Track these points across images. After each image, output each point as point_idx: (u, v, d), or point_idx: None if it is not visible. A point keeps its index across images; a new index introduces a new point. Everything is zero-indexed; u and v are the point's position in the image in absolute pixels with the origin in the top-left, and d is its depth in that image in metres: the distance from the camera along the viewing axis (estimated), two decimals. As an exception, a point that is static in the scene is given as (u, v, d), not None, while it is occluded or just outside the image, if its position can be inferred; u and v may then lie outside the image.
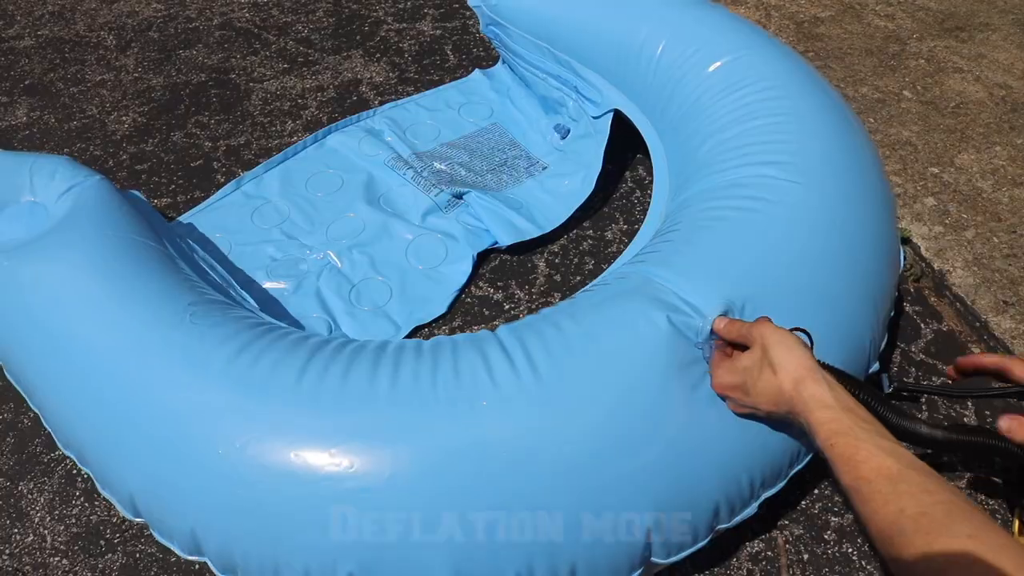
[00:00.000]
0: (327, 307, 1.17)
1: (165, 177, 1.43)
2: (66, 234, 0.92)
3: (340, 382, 0.75)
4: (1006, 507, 0.93)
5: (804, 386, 0.61)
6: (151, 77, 1.70)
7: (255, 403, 0.74)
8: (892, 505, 0.50)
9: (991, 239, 1.24)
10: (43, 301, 0.86)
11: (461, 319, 1.17)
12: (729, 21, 1.19)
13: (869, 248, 0.93)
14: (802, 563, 0.88)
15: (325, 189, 1.38)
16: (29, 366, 0.86)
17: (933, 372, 1.09)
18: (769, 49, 1.13)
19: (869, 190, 1.00)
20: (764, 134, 1.00)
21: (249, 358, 0.77)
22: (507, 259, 1.26)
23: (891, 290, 0.99)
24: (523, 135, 1.49)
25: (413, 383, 0.74)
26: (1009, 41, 1.70)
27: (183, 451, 0.73)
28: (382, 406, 0.72)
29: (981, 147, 1.42)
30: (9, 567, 0.90)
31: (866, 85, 1.58)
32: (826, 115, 1.04)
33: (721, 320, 0.73)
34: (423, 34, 1.81)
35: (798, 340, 0.66)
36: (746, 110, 1.05)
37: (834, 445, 0.56)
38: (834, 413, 0.59)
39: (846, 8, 1.83)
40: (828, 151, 0.98)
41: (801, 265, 0.85)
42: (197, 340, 0.79)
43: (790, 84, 1.07)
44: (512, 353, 0.76)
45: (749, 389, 0.66)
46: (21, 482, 0.98)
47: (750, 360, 0.66)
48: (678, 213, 0.98)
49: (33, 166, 1.05)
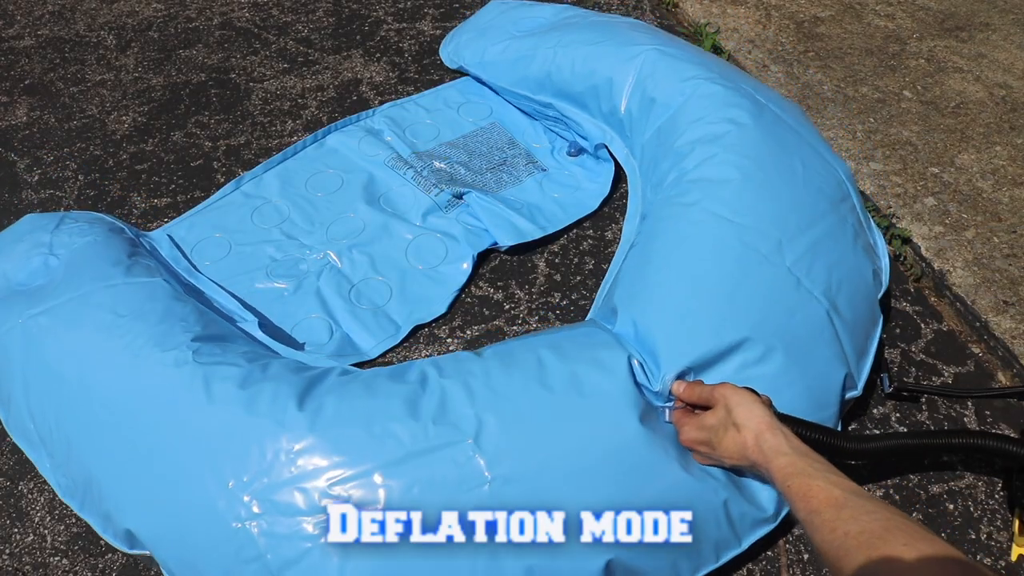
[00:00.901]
0: (327, 307, 1.17)
1: (165, 177, 1.43)
2: (68, 289, 0.97)
3: (342, 418, 0.81)
4: (1006, 507, 0.93)
5: (764, 439, 0.70)
6: (151, 77, 1.70)
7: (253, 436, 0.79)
8: (839, 530, 0.57)
9: (991, 239, 1.24)
10: (55, 355, 0.92)
11: (461, 319, 1.17)
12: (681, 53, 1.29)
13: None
14: (802, 563, 0.88)
15: (325, 189, 1.38)
16: (50, 415, 0.91)
17: (933, 372, 1.09)
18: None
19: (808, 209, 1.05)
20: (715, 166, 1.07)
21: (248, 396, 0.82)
22: (507, 259, 1.26)
23: (866, 317, 1.01)
24: (522, 134, 1.49)
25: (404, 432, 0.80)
26: (1009, 41, 1.70)
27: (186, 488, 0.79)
28: (398, 457, 0.78)
29: (981, 147, 1.42)
30: (9, 567, 0.90)
31: (866, 85, 1.58)
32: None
33: (680, 384, 0.80)
34: (423, 34, 1.81)
35: (757, 398, 0.74)
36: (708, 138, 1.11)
37: (791, 486, 0.64)
38: (790, 459, 0.67)
39: (846, 8, 1.83)
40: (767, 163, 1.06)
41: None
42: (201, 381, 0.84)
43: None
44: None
45: (715, 445, 0.74)
46: (21, 482, 0.98)
47: (715, 419, 0.75)
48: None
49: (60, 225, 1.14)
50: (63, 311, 0.94)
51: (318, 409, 0.81)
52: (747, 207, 0.99)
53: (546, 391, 0.81)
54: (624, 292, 0.97)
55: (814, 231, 1.01)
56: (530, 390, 0.81)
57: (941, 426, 1.03)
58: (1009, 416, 1.03)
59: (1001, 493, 0.95)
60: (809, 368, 0.90)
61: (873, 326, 1.03)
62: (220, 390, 0.82)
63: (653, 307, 0.91)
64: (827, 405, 0.90)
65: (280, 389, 0.82)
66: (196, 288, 1.13)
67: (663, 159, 1.15)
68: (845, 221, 1.06)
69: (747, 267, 0.93)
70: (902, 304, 1.19)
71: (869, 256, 1.08)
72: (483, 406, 0.80)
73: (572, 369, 0.83)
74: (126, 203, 1.37)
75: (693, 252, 0.96)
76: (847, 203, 1.11)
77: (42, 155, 1.49)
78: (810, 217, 1.02)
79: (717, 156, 1.07)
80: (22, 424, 0.93)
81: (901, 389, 1.03)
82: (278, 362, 0.89)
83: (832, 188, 1.10)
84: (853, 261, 1.03)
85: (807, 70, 1.63)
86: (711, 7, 1.85)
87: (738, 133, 1.09)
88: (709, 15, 1.82)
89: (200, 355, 0.86)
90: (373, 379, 0.86)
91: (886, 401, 1.05)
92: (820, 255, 0.98)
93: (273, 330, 1.14)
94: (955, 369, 1.10)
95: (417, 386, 0.83)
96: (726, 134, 1.09)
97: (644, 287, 0.95)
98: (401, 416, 0.80)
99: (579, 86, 1.34)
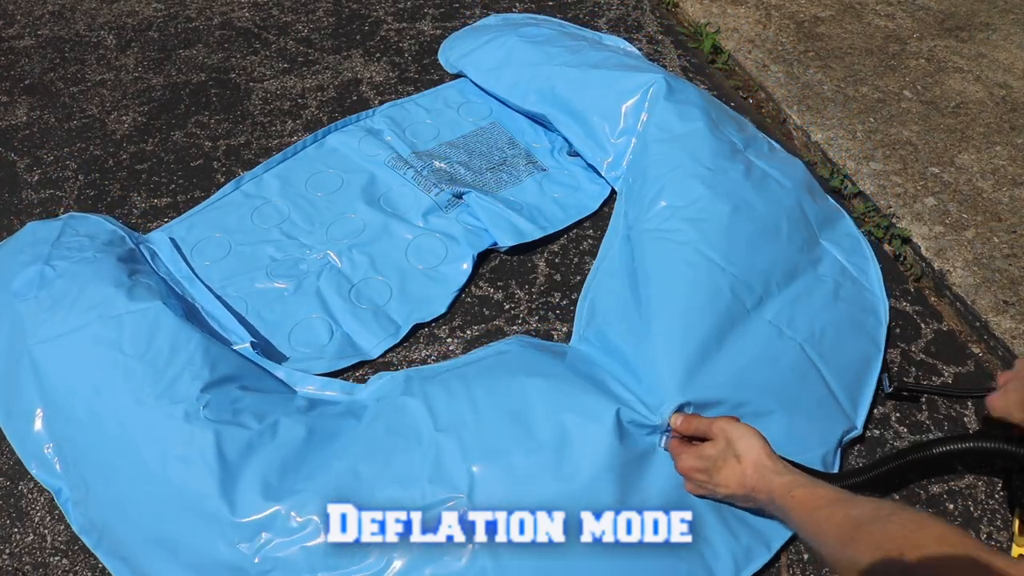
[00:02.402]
0: (327, 307, 1.17)
1: (165, 177, 1.43)
2: (72, 316, 0.99)
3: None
4: (1006, 507, 0.94)
5: (764, 465, 0.73)
6: (151, 77, 1.70)
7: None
8: (843, 514, 0.59)
9: (991, 239, 1.24)
10: (64, 390, 0.95)
11: (461, 319, 1.17)
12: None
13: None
14: (802, 563, 0.88)
15: (325, 189, 1.38)
16: (66, 451, 0.94)
17: (933, 372, 1.09)
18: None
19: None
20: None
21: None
22: (507, 259, 1.26)
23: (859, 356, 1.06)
24: (522, 134, 1.49)
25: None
26: (1009, 41, 1.70)
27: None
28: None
29: (981, 147, 1.42)
30: (9, 567, 0.90)
31: (866, 85, 1.58)
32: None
33: (677, 417, 0.84)
34: (423, 34, 1.81)
35: (757, 433, 0.77)
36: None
37: (795, 495, 0.67)
38: (793, 477, 0.71)
39: (846, 8, 1.83)
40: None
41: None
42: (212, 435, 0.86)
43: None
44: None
45: (712, 474, 0.78)
46: (21, 482, 0.98)
47: (715, 450, 0.78)
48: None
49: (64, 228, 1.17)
50: (69, 343, 0.96)
51: (323, 479, 0.85)
52: (738, 257, 1.05)
53: (535, 447, 0.85)
54: (618, 322, 1.01)
55: (794, 287, 1.07)
56: (521, 444, 0.85)
57: (941, 426, 1.03)
58: (1009, 416, 1.03)
59: (1001, 493, 0.95)
60: (797, 411, 0.94)
61: (867, 366, 1.05)
62: (231, 453, 0.86)
63: (651, 345, 0.94)
64: (816, 447, 0.93)
65: (288, 459, 0.87)
66: (194, 305, 1.14)
67: (650, 186, 1.18)
68: (824, 279, 1.11)
69: (735, 316, 0.99)
70: (902, 304, 1.19)
71: (860, 300, 1.11)
72: (475, 459, 0.84)
73: (560, 419, 0.86)
74: (126, 203, 1.37)
75: (689, 296, 1.00)
76: (829, 257, 1.16)
77: (42, 155, 1.49)
78: (791, 273, 1.08)
79: (702, 201, 1.11)
80: (39, 454, 0.96)
81: (901, 389, 1.03)
82: (286, 423, 0.91)
83: (814, 244, 1.15)
84: (836, 309, 1.08)
85: (807, 70, 1.63)
86: (711, 7, 1.85)
87: (722, 190, 1.14)
88: (709, 15, 1.82)
89: (210, 409, 0.89)
90: (372, 434, 0.90)
91: (886, 401, 1.05)
92: (800, 307, 1.04)
93: (272, 331, 1.14)
94: (955, 369, 1.10)
95: (414, 443, 0.87)
96: (714, 186, 1.14)
97: (641, 322, 0.98)
98: (401, 479, 0.84)
99: (575, 106, 1.37)
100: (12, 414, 0.99)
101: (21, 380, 0.97)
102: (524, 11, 1.87)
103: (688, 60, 1.72)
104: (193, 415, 0.88)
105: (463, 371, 0.97)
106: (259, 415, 0.91)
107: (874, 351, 1.08)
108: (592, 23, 1.82)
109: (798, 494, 0.66)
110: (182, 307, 1.07)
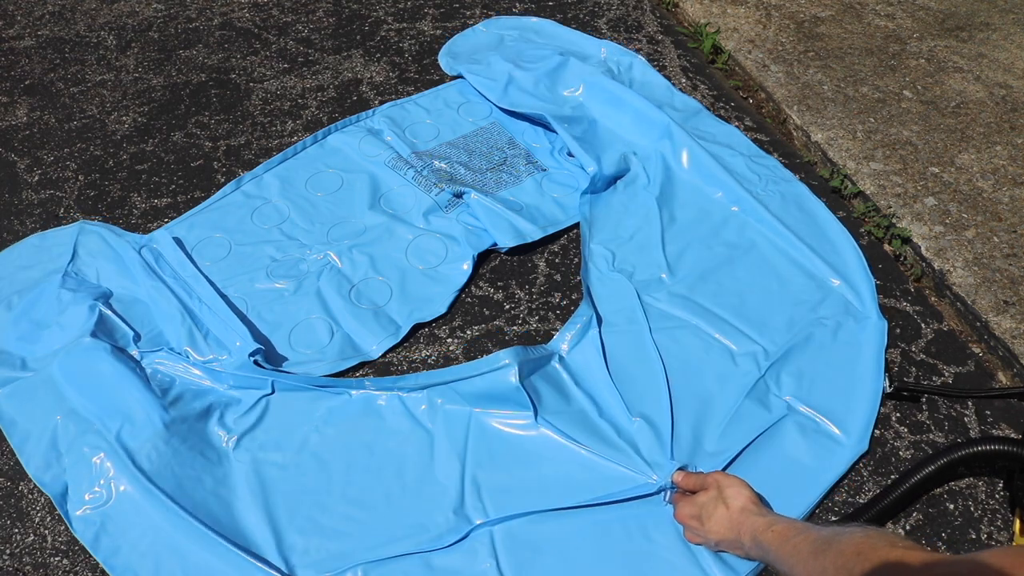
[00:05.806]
0: (328, 307, 1.17)
1: (165, 177, 1.43)
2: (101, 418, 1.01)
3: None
4: (1007, 507, 0.93)
5: (749, 509, 0.81)
6: (151, 77, 1.70)
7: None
8: (815, 535, 0.67)
9: (991, 239, 1.24)
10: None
11: (461, 319, 1.17)
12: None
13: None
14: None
15: (325, 189, 1.38)
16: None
17: (933, 372, 1.09)
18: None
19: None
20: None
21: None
22: (507, 259, 1.26)
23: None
24: (522, 134, 1.49)
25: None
26: (1009, 41, 1.70)
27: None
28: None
29: (981, 147, 1.42)
30: (9, 567, 0.90)
31: (866, 85, 1.58)
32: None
33: (679, 474, 0.94)
34: (423, 34, 1.81)
35: (744, 483, 0.85)
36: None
37: (775, 530, 0.73)
38: (773, 516, 0.79)
39: (846, 8, 1.83)
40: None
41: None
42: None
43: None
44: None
45: (704, 520, 0.84)
46: (21, 482, 0.98)
47: (706, 497, 0.86)
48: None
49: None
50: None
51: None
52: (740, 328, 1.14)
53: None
54: (639, 391, 1.06)
55: (789, 342, 1.11)
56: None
57: (941, 426, 1.03)
58: (1009, 416, 1.03)
59: (1001, 493, 0.95)
60: (789, 466, 0.99)
61: (871, 395, 1.06)
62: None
63: (668, 417, 1.03)
64: (810, 489, 0.97)
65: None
66: (194, 311, 1.14)
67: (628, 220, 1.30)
68: (823, 323, 1.14)
69: (741, 389, 1.06)
70: (902, 304, 1.19)
71: (857, 338, 1.12)
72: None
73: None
74: (126, 203, 1.37)
75: (701, 377, 1.09)
76: (829, 299, 1.17)
77: (42, 155, 1.49)
78: (784, 330, 1.13)
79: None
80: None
81: (901, 389, 1.03)
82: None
83: (810, 293, 1.18)
84: (832, 352, 1.10)
85: (807, 70, 1.63)
86: (711, 7, 1.85)
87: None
88: (709, 15, 1.82)
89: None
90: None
91: (886, 401, 1.05)
92: (790, 362, 1.09)
93: (272, 331, 1.14)
94: (955, 369, 1.10)
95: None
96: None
97: (661, 396, 1.06)
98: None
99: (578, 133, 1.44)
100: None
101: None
102: (524, 11, 1.87)
103: (688, 60, 1.72)
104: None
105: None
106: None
107: (874, 379, 1.07)
108: (592, 23, 1.82)
109: (777, 528, 0.74)
110: (189, 311, 1.13)
